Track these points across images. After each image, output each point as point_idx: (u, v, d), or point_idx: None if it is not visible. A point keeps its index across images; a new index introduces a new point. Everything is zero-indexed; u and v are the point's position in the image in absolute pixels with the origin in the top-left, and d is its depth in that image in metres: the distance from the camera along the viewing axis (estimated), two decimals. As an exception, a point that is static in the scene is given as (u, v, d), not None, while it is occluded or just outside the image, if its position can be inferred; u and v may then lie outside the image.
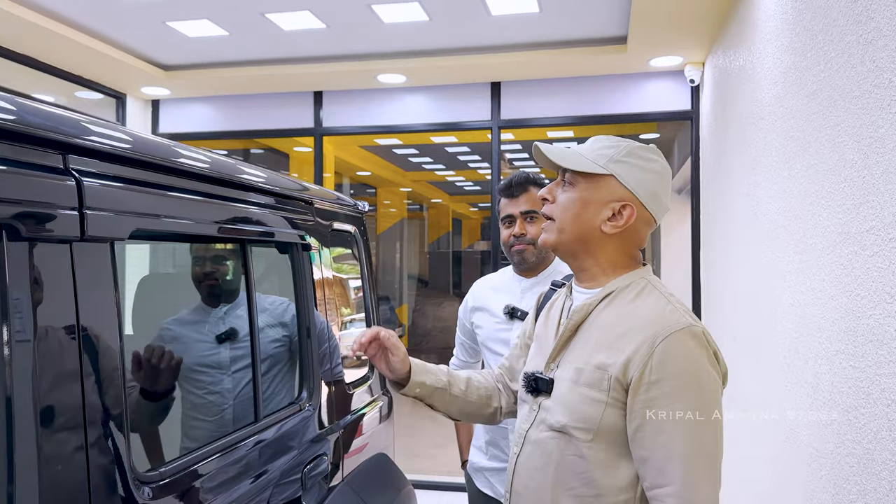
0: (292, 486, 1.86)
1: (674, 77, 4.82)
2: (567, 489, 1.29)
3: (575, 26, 4.28)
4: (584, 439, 1.27)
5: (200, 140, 5.69)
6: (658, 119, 4.99)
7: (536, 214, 2.14)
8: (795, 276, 2.27)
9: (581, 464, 1.27)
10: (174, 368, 1.85)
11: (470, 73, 4.92)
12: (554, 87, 5.03)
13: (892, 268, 1.53)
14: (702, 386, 1.22)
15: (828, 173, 1.95)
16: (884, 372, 1.56)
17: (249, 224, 1.77)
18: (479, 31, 4.34)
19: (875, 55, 1.62)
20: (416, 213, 13.08)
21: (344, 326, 2.52)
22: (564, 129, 5.85)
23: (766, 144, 2.71)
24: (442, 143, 8.48)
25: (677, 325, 1.24)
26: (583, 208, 1.35)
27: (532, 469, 1.35)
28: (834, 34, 1.90)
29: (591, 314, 1.35)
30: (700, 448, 1.20)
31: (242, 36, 4.45)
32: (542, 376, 1.37)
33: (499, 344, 2.17)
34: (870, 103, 1.65)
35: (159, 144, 1.49)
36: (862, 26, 1.70)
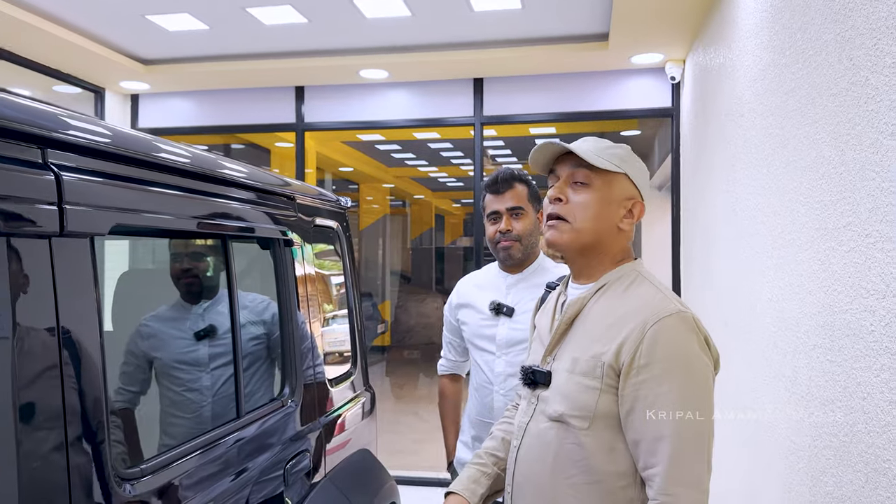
0: (274, 482, 1.86)
1: (655, 74, 4.85)
2: (566, 477, 1.31)
3: (557, 23, 4.29)
4: (581, 427, 1.30)
5: (180, 135, 5.63)
6: (639, 116, 5.02)
7: (522, 210, 2.14)
8: (774, 272, 2.29)
9: (579, 451, 1.30)
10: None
11: (452, 69, 4.92)
12: (536, 84, 5.04)
13: (868, 263, 1.55)
14: (691, 368, 1.26)
15: (806, 170, 1.98)
16: (860, 366, 1.59)
17: (231, 220, 1.76)
18: (462, 26, 4.34)
19: (852, 53, 1.64)
20: (398, 210, 13.06)
21: (326, 323, 2.51)
22: (547, 125, 5.87)
23: (746, 141, 2.74)
24: (424, 139, 8.47)
25: (667, 311, 1.28)
26: (603, 207, 1.39)
27: (531, 460, 1.38)
28: (812, 32, 1.93)
29: (584, 307, 1.39)
30: (688, 429, 1.23)
31: (223, 30, 4.42)
32: (539, 369, 1.41)
33: (484, 340, 2.18)
34: (847, 101, 1.67)
35: (140, 139, 1.48)
36: (839, 25, 1.72)
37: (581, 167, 1.39)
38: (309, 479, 2.06)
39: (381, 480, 2.58)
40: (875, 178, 1.51)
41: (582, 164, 1.39)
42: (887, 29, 1.45)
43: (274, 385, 2.12)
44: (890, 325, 1.44)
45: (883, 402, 1.47)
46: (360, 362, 2.67)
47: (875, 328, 1.51)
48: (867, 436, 1.55)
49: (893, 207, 1.41)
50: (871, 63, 1.54)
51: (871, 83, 1.53)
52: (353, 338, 2.66)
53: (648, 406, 1.25)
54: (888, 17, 1.45)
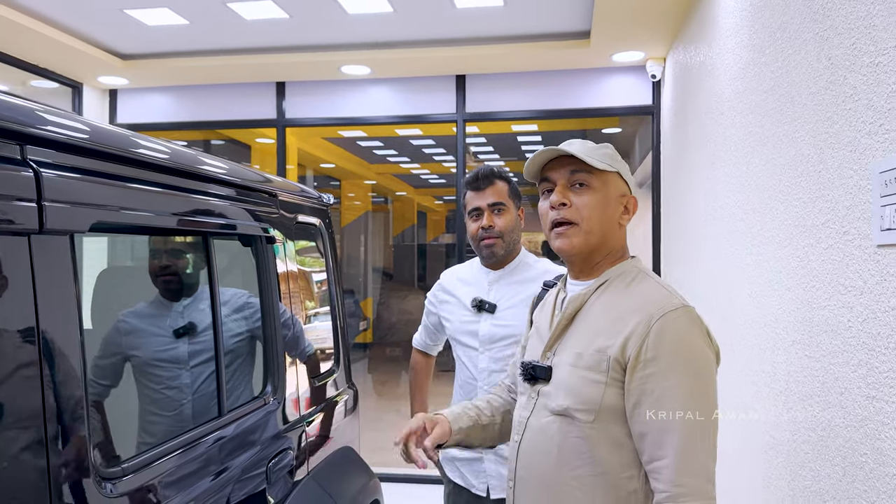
0: (257, 480, 1.85)
1: (636, 72, 4.88)
2: (570, 469, 1.33)
3: (539, 21, 4.30)
4: (586, 420, 1.32)
5: (160, 131, 5.58)
6: (620, 114, 5.05)
7: (504, 207, 2.15)
8: (753, 269, 2.32)
9: (583, 444, 1.32)
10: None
11: (435, 66, 4.92)
12: (518, 81, 5.05)
13: (846, 260, 1.57)
14: (696, 362, 1.28)
15: (785, 168, 2.00)
16: (837, 361, 1.61)
17: (211, 217, 1.74)
18: (444, 23, 4.33)
19: (831, 52, 1.66)
20: (380, 206, 13.03)
21: (308, 320, 2.50)
22: (529, 122, 5.88)
23: (726, 139, 2.76)
24: (407, 136, 8.46)
25: (671, 305, 1.30)
26: (606, 206, 1.41)
27: (534, 453, 1.39)
28: (791, 31, 1.95)
29: (586, 303, 1.41)
30: (696, 421, 1.25)
31: (203, 25, 4.38)
32: (539, 364, 1.42)
33: (467, 336, 2.19)
34: (825, 100, 1.69)
35: (120, 135, 1.46)
36: (818, 24, 1.74)
37: (579, 170, 1.40)
38: (291, 477, 2.05)
39: (363, 478, 2.58)
40: (853, 175, 1.53)
41: (580, 167, 1.40)
42: (865, 29, 1.47)
43: (255, 383, 2.11)
44: (867, 322, 1.46)
45: (860, 398, 1.49)
46: (342, 360, 2.66)
47: (853, 324, 1.53)
48: (844, 430, 1.57)
49: (871, 205, 1.43)
50: (849, 62, 1.56)
51: (850, 82, 1.55)
52: (336, 335, 2.65)
53: (655, 399, 1.26)
54: (866, 16, 1.47)
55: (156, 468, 1.46)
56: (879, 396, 1.41)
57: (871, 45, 1.44)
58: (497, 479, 2.13)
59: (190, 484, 1.57)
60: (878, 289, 1.42)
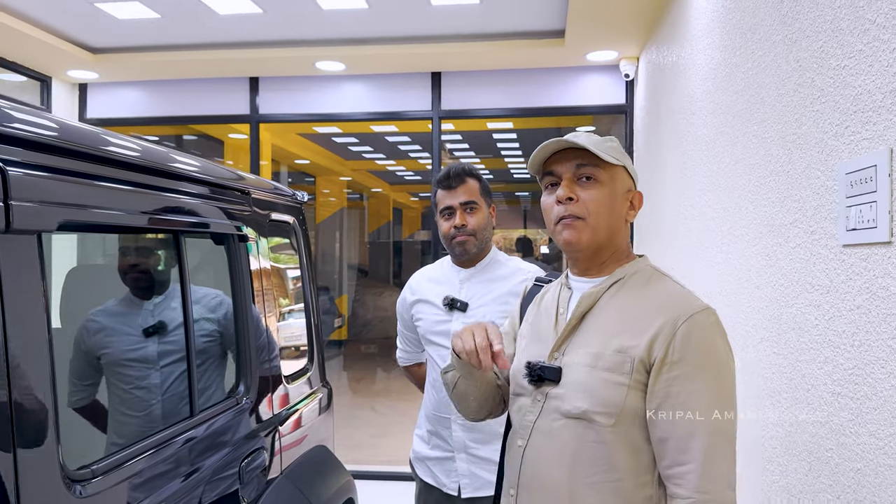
0: (229, 480, 1.84)
1: (610, 71, 4.91)
2: (585, 476, 1.27)
3: (514, 19, 4.31)
4: (606, 424, 1.26)
5: (131, 126, 5.51)
6: (594, 112, 5.09)
7: (476, 205, 2.15)
8: (724, 267, 2.35)
9: (601, 449, 1.26)
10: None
11: (410, 63, 4.91)
12: (494, 79, 5.06)
13: (812, 259, 1.60)
14: (721, 365, 1.25)
15: (754, 168, 2.03)
16: (805, 358, 1.64)
17: (183, 215, 1.73)
18: (420, 20, 4.33)
19: (799, 55, 1.69)
20: (356, 203, 12.99)
21: (283, 318, 2.49)
22: (504, 120, 5.90)
23: (697, 139, 2.80)
24: (382, 133, 8.44)
25: (697, 306, 1.27)
26: (613, 202, 1.36)
27: (545, 460, 1.32)
28: (762, 33, 1.97)
29: (598, 301, 1.35)
30: (720, 426, 1.21)
31: (175, 19, 4.32)
32: (548, 365, 1.34)
33: (439, 336, 2.17)
34: (794, 101, 1.72)
35: (89, 132, 1.44)
36: (787, 27, 1.77)
37: (586, 163, 1.34)
38: (265, 476, 2.04)
39: (337, 476, 2.57)
40: (820, 176, 1.56)
41: (587, 160, 1.34)
42: (832, 32, 1.50)
43: (227, 382, 2.09)
44: (833, 320, 1.49)
45: (826, 394, 1.53)
46: (316, 358, 2.65)
47: (819, 322, 1.56)
48: (811, 426, 1.60)
49: (837, 206, 1.46)
50: (816, 64, 1.59)
51: (817, 84, 1.58)
52: (310, 333, 2.64)
53: (680, 403, 1.22)
54: (833, 20, 1.50)
55: (126, 469, 1.44)
56: (844, 393, 1.44)
57: (838, 49, 1.47)
58: (469, 479, 2.12)
59: (161, 485, 1.55)
60: (843, 287, 1.45)
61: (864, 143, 1.36)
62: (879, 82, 1.30)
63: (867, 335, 1.35)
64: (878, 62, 1.31)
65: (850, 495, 1.41)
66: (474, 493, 2.11)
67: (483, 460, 2.10)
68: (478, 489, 2.11)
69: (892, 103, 1.25)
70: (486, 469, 2.10)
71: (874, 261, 1.32)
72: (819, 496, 1.56)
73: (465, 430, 2.11)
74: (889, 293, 1.27)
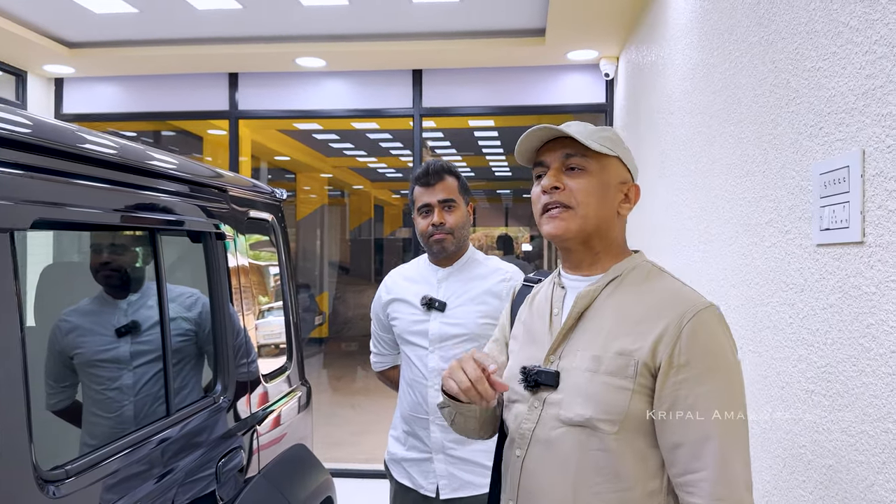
0: (206, 480, 1.82)
1: (590, 70, 4.94)
2: (589, 486, 1.20)
3: (495, 17, 4.31)
4: (610, 431, 1.19)
5: (108, 121, 5.44)
6: (574, 111, 5.10)
7: (454, 203, 2.13)
8: (700, 265, 2.37)
9: (606, 458, 1.19)
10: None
11: (391, 60, 4.90)
12: (475, 77, 5.07)
13: (787, 259, 1.62)
14: (729, 365, 1.19)
15: (731, 168, 2.05)
16: (780, 356, 1.66)
17: (159, 213, 1.71)
18: (400, 17, 4.32)
19: (775, 56, 1.71)
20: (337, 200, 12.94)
21: (262, 315, 2.48)
22: (485, 118, 5.90)
23: (675, 138, 2.82)
24: (363, 129, 8.41)
25: (700, 304, 1.21)
26: (604, 192, 1.29)
27: (546, 471, 1.25)
28: (738, 34, 1.99)
29: (595, 300, 1.28)
30: (732, 428, 1.16)
31: (153, 13, 4.28)
32: (544, 369, 1.28)
33: (416, 335, 2.14)
34: (770, 102, 1.74)
35: (64, 130, 1.42)
36: (764, 28, 1.79)
37: (575, 153, 1.28)
38: (242, 475, 2.03)
39: (316, 475, 2.57)
40: (795, 177, 1.58)
41: (575, 149, 1.28)
42: (807, 34, 1.52)
43: (203, 382, 2.07)
44: (807, 318, 1.51)
45: (800, 391, 1.55)
46: (295, 356, 2.64)
47: (793, 320, 1.58)
48: (785, 423, 1.62)
49: (811, 206, 1.48)
50: (791, 66, 1.60)
51: (792, 85, 1.60)
52: (289, 331, 2.63)
53: (689, 407, 1.16)
54: (808, 22, 1.51)
55: (101, 469, 1.43)
56: (817, 390, 1.46)
57: (813, 51, 1.49)
58: (447, 479, 2.09)
59: (136, 485, 1.54)
60: (817, 286, 1.47)
61: (837, 144, 1.38)
62: (852, 84, 1.32)
63: (839, 333, 1.37)
64: (850, 64, 1.32)
65: (822, 491, 1.43)
66: (452, 493, 2.09)
67: (462, 461, 2.09)
68: (456, 490, 2.09)
69: (865, 105, 1.27)
70: (465, 469, 2.08)
71: (846, 260, 1.34)
72: (793, 492, 1.58)
73: (443, 431, 2.09)
74: (860, 292, 1.29)
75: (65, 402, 2.00)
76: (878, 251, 1.23)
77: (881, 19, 1.22)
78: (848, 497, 1.33)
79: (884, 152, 1.21)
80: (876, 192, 1.24)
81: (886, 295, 1.20)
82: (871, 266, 1.25)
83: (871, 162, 1.25)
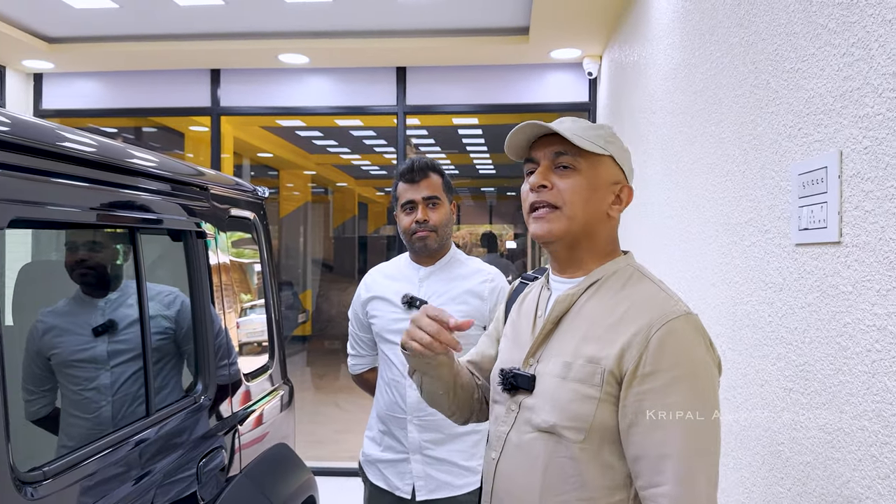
0: (187, 479, 1.81)
1: (573, 69, 4.95)
2: (556, 494, 1.18)
3: (479, 15, 4.31)
4: (576, 440, 1.17)
5: (88, 118, 5.39)
6: (558, 110, 5.12)
7: (438, 200, 2.11)
8: (680, 264, 2.39)
9: (572, 466, 1.17)
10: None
11: (375, 57, 4.88)
12: (459, 75, 5.07)
13: (766, 258, 1.64)
14: (698, 378, 1.14)
15: (712, 167, 2.06)
16: (759, 354, 1.68)
17: (139, 211, 1.70)
18: (384, 14, 4.31)
19: (755, 57, 1.72)
20: (320, 197, 12.88)
21: (244, 313, 2.46)
22: (470, 116, 5.90)
23: (657, 138, 2.83)
24: (347, 127, 8.38)
25: (673, 312, 1.16)
26: (592, 193, 1.26)
27: (516, 475, 1.24)
28: (719, 35, 2.01)
29: (574, 304, 1.26)
30: (697, 445, 1.12)
31: (134, 9, 4.23)
32: (521, 373, 1.26)
33: (396, 335, 2.10)
34: (750, 102, 1.75)
35: (42, 127, 1.41)
36: (744, 29, 1.80)
37: (565, 151, 1.25)
38: (224, 474, 2.02)
39: (298, 474, 2.56)
40: (774, 177, 1.59)
41: (566, 148, 1.25)
42: (787, 35, 1.53)
43: (183, 381, 2.06)
44: (785, 317, 1.53)
45: (778, 389, 1.56)
46: (277, 354, 2.63)
47: (772, 319, 1.60)
48: (764, 420, 1.64)
49: (790, 206, 1.50)
50: (771, 67, 1.62)
51: (772, 86, 1.61)
52: (271, 330, 2.62)
53: (652, 419, 1.12)
54: (787, 24, 1.53)
55: (80, 471, 1.42)
56: (795, 388, 1.48)
57: (792, 52, 1.50)
58: (424, 480, 2.07)
59: (116, 486, 1.53)
60: (795, 285, 1.48)
61: (815, 145, 1.39)
62: (830, 86, 1.33)
63: (817, 332, 1.39)
64: (829, 66, 1.34)
65: (800, 487, 1.45)
66: (429, 495, 2.06)
67: (439, 461, 2.06)
68: (433, 491, 2.06)
69: (842, 107, 1.28)
70: (442, 470, 2.06)
71: (824, 260, 1.36)
72: (772, 489, 1.60)
73: (421, 431, 2.07)
74: (838, 291, 1.30)
75: (46, 409, 1.98)
76: (855, 251, 1.24)
77: (858, 22, 1.23)
78: (825, 494, 1.35)
79: (861, 153, 1.22)
80: (853, 192, 1.25)
81: (863, 294, 1.22)
82: (848, 266, 1.27)
83: (848, 163, 1.27)
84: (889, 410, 1.14)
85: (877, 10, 1.18)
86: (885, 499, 1.14)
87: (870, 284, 1.20)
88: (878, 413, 1.17)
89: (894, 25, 1.12)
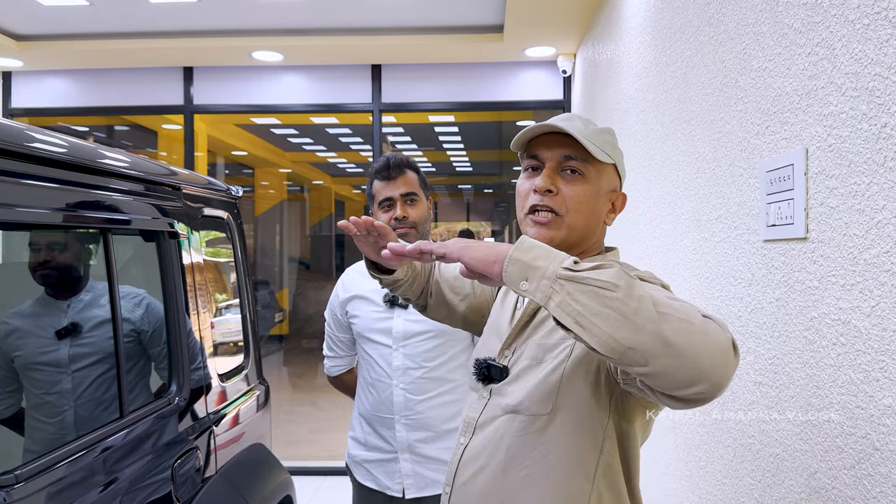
0: (162, 481, 1.80)
1: (547, 67, 4.97)
2: (520, 469, 1.19)
3: (453, 13, 4.32)
4: (541, 412, 1.18)
5: (59, 116, 5.31)
6: (532, 107, 5.14)
7: (416, 197, 2.09)
8: (652, 259, 2.42)
9: (536, 440, 1.18)
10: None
11: (350, 55, 4.87)
12: (434, 72, 5.07)
13: (736, 254, 1.66)
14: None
15: (683, 164, 2.09)
16: (729, 349, 1.70)
17: (110, 212, 1.68)
18: (358, 11, 4.29)
19: (724, 56, 1.75)
20: (296, 195, 12.80)
21: (219, 313, 2.45)
22: (446, 113, 5.91)
23: (630, 135, 2.86)
24: (323, 124, 8.34)
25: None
26: (595, 202, 1.24)
27: (479, 458, 1.25)
28: (689, 33, 2.03)
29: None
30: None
31: (105, 6, 4.18)
32: (494, 363, 1.28)
33: (379, 334, 2.10)
34: (719, 100, 1.78)
35: (10, 128, 1.39)
36: (713, 28, 1.82)
37: (575, 156, 1.22)
38: (199, 476, 2.01)
39: (274, 474, 2.55)
40: (743, 174, 1.62)
41: (576, 152, 1.21)
42: (754, 35, 1.56)
43: (152, 384, 2.03)
44: (755, 312, 1.56)
45: (748, 383, 1.59)
46: (253, 354, 2.62)
47: (742, 314, 1.63)
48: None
49: (758, 202, 1.52)
50: (739, 66, 1.64)
51: (740, 85, 1.64)
52: (246, 330, 2.60)
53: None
54: (755, 23, 1.55)
55: (53, 474, 1.40)
56: (765, 382, 1.50)
57: (760, 52, 1.53)
58: (413, 479, 2.06)
59: (90, 488, 1.51)
60: (764, 281, 1.51)
61: (782, 143, 1.42)
62: (796, 85, 1.36)
63: (785, 326, 1.41)
64: (795, 65, 1.36)
65: (770, 479, 1.48)
66: (419, 493, 2.06)
67: (428, 459, 2.06)
68: (422, 489, 2.06)
69: (808, 105, 1.31)
70: (431, 468, 2.05)
71: (791, 256, 1.38)
72: (742, 480, 1.62)
73: (409, 430, 2.06)
74: (805, 287, 1.33)
75: (12, 409, 1.95)
76: (821, 247, 1.27)
77: (822, 22, 1.26)
78: (793, 485, 1.37)
79: (825, 151, 1.25)
80: (819, 189, 1.28)
81: (829, 289, 1.24)
82: (814, 261, 1.30)
83: (813, 160, 1.29)
84: (853, 402, 1.17)
85: (840, 11, 1.20)
86: (850, 488, 1.17)
87: (835, 279, 1.22)
88: (843, 405, 1.20)
89: (856, 26, 1.15)
